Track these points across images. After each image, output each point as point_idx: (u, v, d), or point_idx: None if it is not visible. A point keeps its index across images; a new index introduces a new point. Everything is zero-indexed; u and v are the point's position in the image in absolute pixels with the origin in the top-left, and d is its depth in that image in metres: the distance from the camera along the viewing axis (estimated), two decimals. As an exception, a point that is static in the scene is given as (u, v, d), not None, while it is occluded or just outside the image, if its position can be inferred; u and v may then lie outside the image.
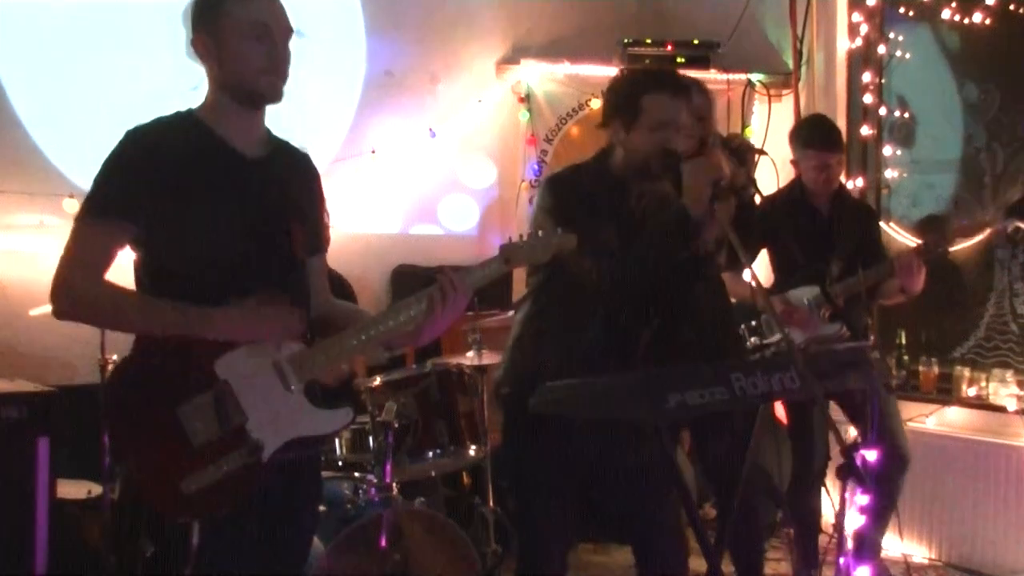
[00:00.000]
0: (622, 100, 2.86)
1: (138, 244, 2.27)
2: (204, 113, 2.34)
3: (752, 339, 3.93)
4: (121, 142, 2.27)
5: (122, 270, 2.30)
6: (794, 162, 4.08)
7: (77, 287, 2.23)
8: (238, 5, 2.26)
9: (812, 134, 4.05)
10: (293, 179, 2.43)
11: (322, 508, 3.03)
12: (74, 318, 2.27)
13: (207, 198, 2.25)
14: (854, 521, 3.60)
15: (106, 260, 2.25)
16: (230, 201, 2.27)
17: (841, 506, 2.62)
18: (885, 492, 3.80)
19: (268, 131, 2.41)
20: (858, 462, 2.19)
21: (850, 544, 3.90)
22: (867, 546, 3.80)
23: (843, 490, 2.50)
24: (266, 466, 2.20)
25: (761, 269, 4.06)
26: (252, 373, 2.22)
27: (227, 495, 2.17)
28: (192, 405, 2.16)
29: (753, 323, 3.94)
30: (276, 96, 2.32)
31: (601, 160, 2.97)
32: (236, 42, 2.26)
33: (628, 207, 2.86)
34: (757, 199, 3.09)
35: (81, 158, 4.67)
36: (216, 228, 2.24)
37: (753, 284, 2.70)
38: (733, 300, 3.73)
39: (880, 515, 3.89)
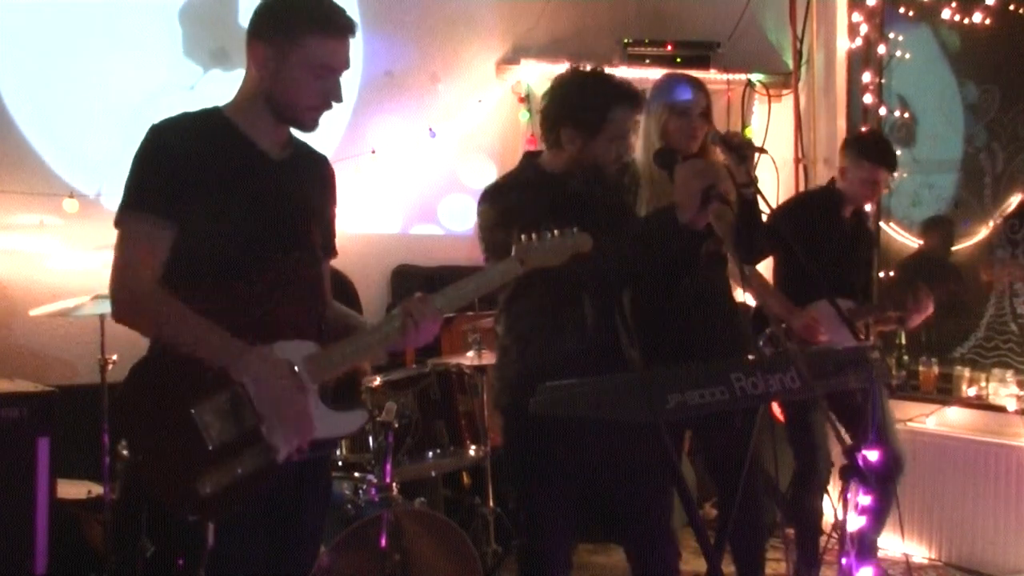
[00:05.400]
0: (589, 111, 2.83)
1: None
2: (233, 112, 2.33)
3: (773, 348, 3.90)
4: (146, 138, 2.26)
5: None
6: (842, 169, 4.05)
7: (131, 286, 2.21)
8: (315, 42, 2.24)
9: (872, 148, 4.04)
10: (313, 181, 2.45)
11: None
12: (130, 318, 2.25)
13: (231, 194, 2.25)
14: (855, 521, 3.60)
15: (154, 257, 2.22)
16: (254, 199, 2.27)
17: (844, 506, 2.62)
18: (883, 492, 3.80)
19: (290, 133, 2.41)
20: (860, 462, 2.19)
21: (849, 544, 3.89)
22: (866, 546, 3.80)
23: (846, 490, 2.50)
24: (279, 467, 2.20)
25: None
26: None
27: (240, 495, 2.18)
28: (207, 406, 2.16)
29: (769, 331, 3.91)
30: (313, 128, 2.35)
31: (529, 164, 3.00)
32: (299, 73, 2.25)
33: (566, 197, 2.84)
34: (760, 199, 3.09)
35: (81, 158, 4.68)
36: (240, 226, 2.25)
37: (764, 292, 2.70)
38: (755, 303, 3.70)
39: (878, 515, 3.89)
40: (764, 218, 3.17)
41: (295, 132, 2.42)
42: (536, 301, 2.85)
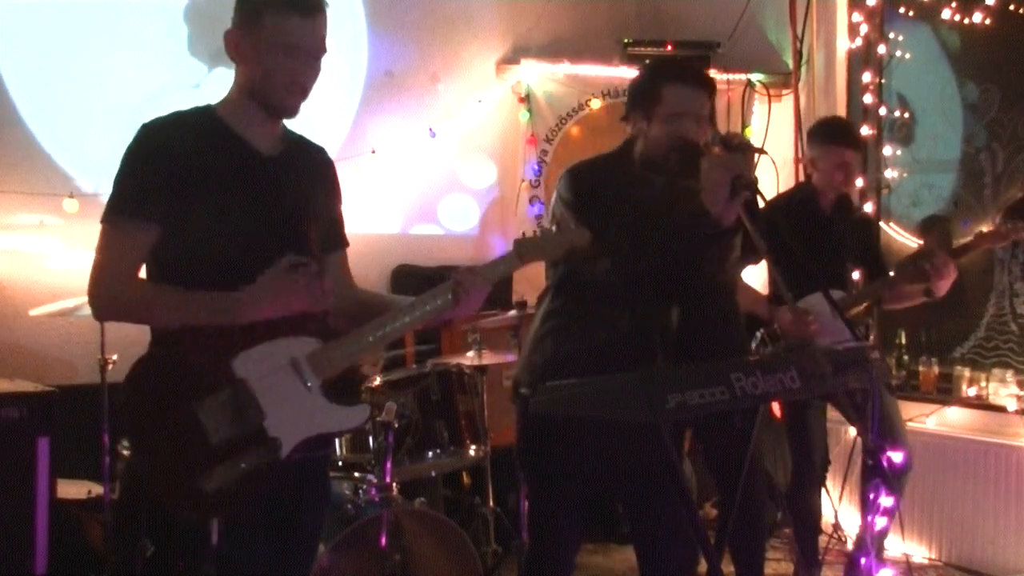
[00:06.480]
0: (642, 90, 2.85)
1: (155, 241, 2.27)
2: (224, 110, 2.34)
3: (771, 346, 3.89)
4: (136, 137, 2.27)
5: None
6: (811, 161, 4.04)
7: (109, 291, 2.24)
8: (274, 19, 2.27)
9: (835, 130, 4.04)
10: (309, 176, 2.44)
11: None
12: (111, 319, 2.32)
13: (222, 195, 2.25)
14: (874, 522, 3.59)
15: (134, 260, 2.26)
16: (246, 199, 2.28)
17: (865, 507, 2.59)
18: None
19: (284, 127, 2.41)
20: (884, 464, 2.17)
21: (850, 545, 3.87)
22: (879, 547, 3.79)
23: (867, 491, 2.47)
24: (282, 464, 2.21)
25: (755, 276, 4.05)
26: (269, 371, 2.22)
27: (241, 494, 2.18)
28: (210, 403, 2.17)
29: (762, 332, 3.90)
30: (292, 112, 2.35)
31: (624, 151, 2.93)
32: (267, 54, 2.27)
33: (647, 200, 2.81)
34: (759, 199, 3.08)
35: (82, 158, 4.69)
36: (232, 225, 2.25)
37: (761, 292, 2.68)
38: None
39: (889, 515, 3.89)
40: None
41: (290, 125, 2.42)
42: (579, 295, 2.83)
